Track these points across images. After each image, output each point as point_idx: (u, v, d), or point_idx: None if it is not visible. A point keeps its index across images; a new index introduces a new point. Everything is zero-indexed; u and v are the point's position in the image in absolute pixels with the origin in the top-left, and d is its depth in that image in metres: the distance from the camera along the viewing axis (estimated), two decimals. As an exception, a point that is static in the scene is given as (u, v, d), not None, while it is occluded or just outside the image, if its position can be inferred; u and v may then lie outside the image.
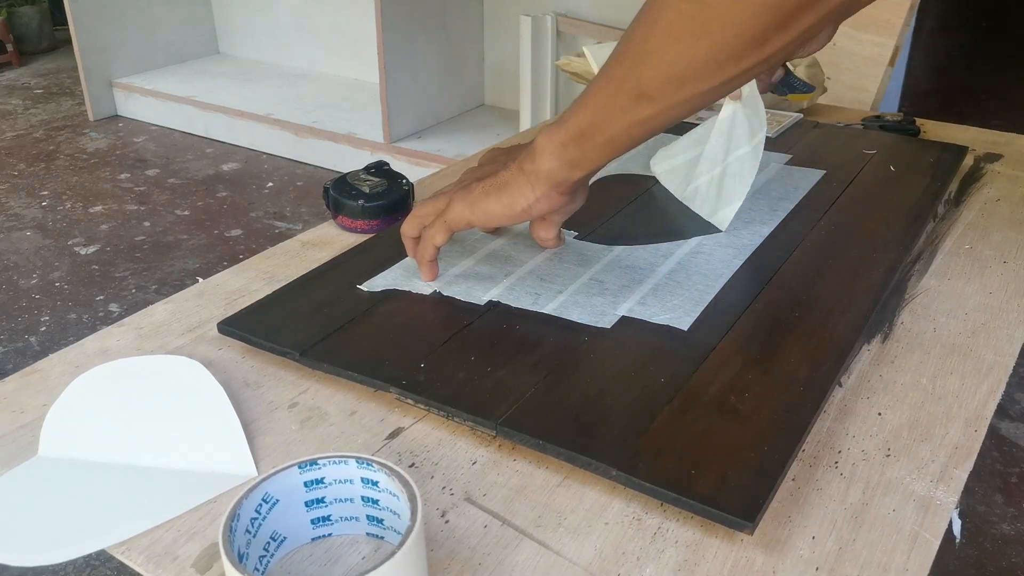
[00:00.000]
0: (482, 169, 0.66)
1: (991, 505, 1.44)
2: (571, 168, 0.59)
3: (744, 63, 0.50)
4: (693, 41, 0.50)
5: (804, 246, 0.73)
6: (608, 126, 0.56)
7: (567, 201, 0.62)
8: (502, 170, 0.62)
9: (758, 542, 0.46)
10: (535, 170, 0.60)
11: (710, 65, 0.50)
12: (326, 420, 0.55)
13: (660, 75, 0.52)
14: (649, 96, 0.53)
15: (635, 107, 0.54)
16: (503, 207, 0.61)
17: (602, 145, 0.57)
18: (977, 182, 0.89)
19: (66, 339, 1.93)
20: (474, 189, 0.62)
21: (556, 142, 0.58)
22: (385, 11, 2.46)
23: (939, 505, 0.48)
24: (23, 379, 0.60)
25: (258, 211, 2.55)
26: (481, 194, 0.62)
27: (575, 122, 0.57)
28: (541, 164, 0.59)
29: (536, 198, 0.61)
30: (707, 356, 0.58)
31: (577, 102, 0.58)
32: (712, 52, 0.49)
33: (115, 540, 0.46)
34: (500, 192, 0.61)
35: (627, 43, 0.54)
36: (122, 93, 3.26)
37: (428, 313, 0.63)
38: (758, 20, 0.48)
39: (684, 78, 0.51)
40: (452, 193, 0.64)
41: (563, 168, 0.59)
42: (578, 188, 0.62)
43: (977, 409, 0.56)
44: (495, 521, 0.47)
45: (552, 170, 0.59)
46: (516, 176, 0.61)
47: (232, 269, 0.73)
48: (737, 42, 0.49)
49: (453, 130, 2.79)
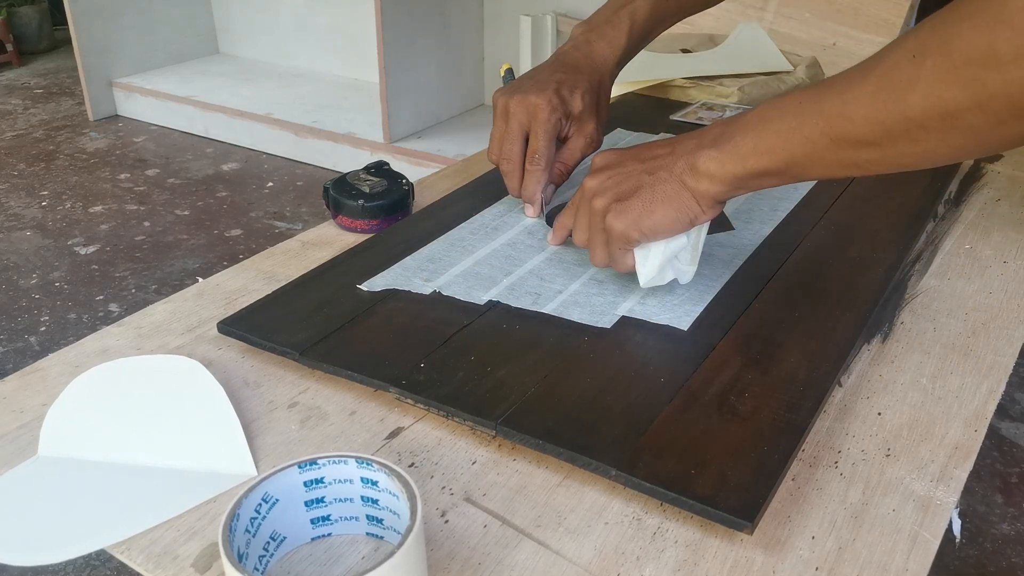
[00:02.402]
0: (616, 178, 0.61)
1: (991, 505, 1.44)
2: (741, 191, 0.57)
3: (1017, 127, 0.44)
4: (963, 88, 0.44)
5: (804, 246, 0.73)
6: (806, 170, 0.53)
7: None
8: (656, 182, 0.58)
9: (758, 542, 0.46)
10: (700, 189, 0.57)
11: (982, 119, 0.44)
12: (326, 420, 0.55)
13: (922, 115, 0.46)
14: (876, 143, 0.49)
15: (851, 152, 0.50)
16: (671, 221, 0.58)
17: (787, 180, 0.55)
18: (977, 182, 0.89)
19: (66, 339, 1.93)
20: (631, 206, 0.59)
21: (731, 175, 0.55)
22: (385, 11, 2.46)
23: (939, 505, 0.48)
24: (23, 379, 0.60)
25: (258, 211, 2.55)
26: (645, 211, 0.58)
27: (759, 163, 0.54)
28: (708, 187, 0.57)
29: (702, 211, 0.58)
30: (707, 356, 0.58)
31: (758, 133, 0.54)
32: (991, 105, 0.44)
33: (115, 540, 0.46)
34: (665, 207, 0.58)
35: (873, 77, 0.48)
36: (122, 93, 3.26)
37: (428, 313, 0.63)
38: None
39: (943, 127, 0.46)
40: (598, 206, 0.61)
41: (732, 191, 0.57)
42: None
43: (977, 409, 0.56)
44: (495, 521, 0.47)
45: (720, 193, 0.57)
46: (679, 190, 0.58)
47: (232, 269, 0.73)
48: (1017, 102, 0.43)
49: (453, 130, 2.79)
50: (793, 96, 0.53)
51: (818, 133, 0.51)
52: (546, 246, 0.72)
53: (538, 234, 0.75)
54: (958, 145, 0.47)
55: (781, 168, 0.54)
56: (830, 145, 0.51)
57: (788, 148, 0.53)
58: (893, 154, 0.49)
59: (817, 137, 0.51)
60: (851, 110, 0.49)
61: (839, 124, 0.50)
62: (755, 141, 0.54)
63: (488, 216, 0.78)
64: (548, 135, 0.73)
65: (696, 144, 0.57)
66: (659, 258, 0.60)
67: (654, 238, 0.60)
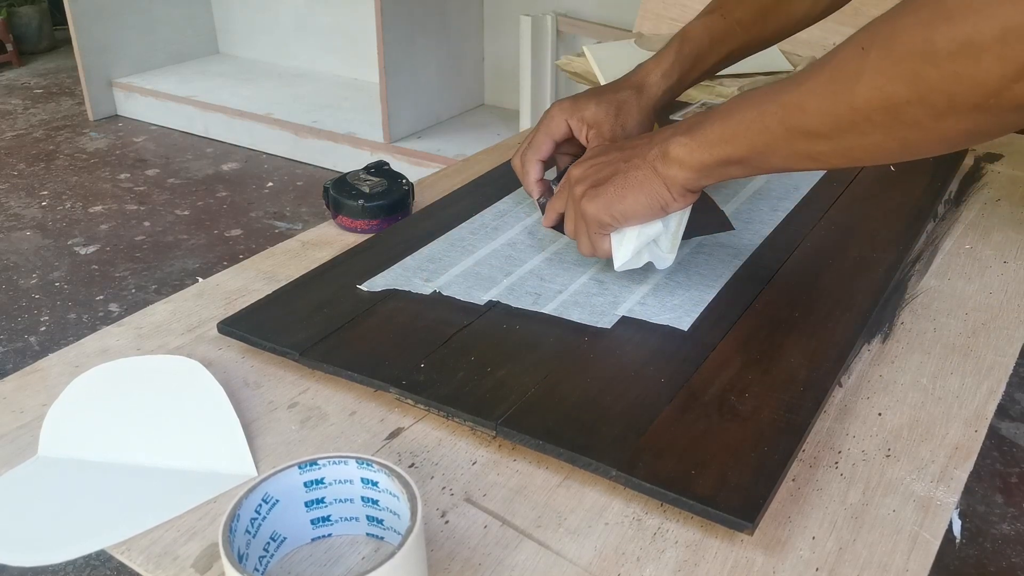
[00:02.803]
0: (596, 166, 0.62)
1: (991, 505, 1.44)
2: (708, 180, 0.58)
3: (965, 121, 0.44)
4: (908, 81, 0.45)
5: (804, 246, 0.73)
6: (765, 159, 0.54)
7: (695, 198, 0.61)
8: (629, 168, 0.60)
9: (758, 542, 0.46)
10: (669, 175, 0.58)
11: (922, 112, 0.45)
12: (326, 420, 0.55)
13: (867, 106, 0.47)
14: (827, 135, 0.50)
15: (805, 142, 0.51)
16: (641, 206, 0.60)
17: (750, 171, 0.56)
18: (977, 182, 0.89)
19: (66, 339, 1.93)
20: (604, 191, 0.60)
21: (698, 161, 0.56)
22: (385, 11, 2.46)
23: (939, 505, 0.48)
24: (23, 379, 0.60)
25: (258, 211, 2.55)
26: (616, 196, 0.60)
27: (723, 151, 0.55)
28: (677, 173, 0.58)
29: (672, 198, 0.59)
30: (707, 356, 0.58)
31: (725, 121, 0.55)
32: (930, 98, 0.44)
33: (115, 540, 0.46)
34: (637, 191, 0.59)
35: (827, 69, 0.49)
36: (122, 93, 3.26)
37: (428, 313, 0.63)
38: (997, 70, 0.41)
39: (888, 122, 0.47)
40: (577, 192, 0.62)
41: (700, 179, 0.58)
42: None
43: (977, 409, 0.56)
44: (495, 521, 0.47)
45: (689, 179, 0.58)
46: (650, 176, 0.59)
47: (232, 269, 0.73)
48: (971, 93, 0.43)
49: (453, 130, 2.79)
50: (764, 88, 0.54)
51: (775, 122, 0.52)
52: (546, 246, 0.72)
53: (538, 234, 0.75)
54: (903, 138, 0.48)
55: (743, 156, 0.55)
56: (786, 135, 0.52)
57: (749, 136, 0.54)
58: (843, 146, 0.50)
59: (775, 126, 0.52)
60: (805, 100, 0.50)
61: (794, 114, 0.51)
62: (721, 129, 0.55)
63: (488, 216, 0.78)
64: (543, 132, 0.74)
65: (672, 132, 0.59)
66: (633, 242, 0.62)
67: (627, 223, 0.61)
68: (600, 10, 2.62)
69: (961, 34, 0.42)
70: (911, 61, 0.44)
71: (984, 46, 0.41)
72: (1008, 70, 0.41)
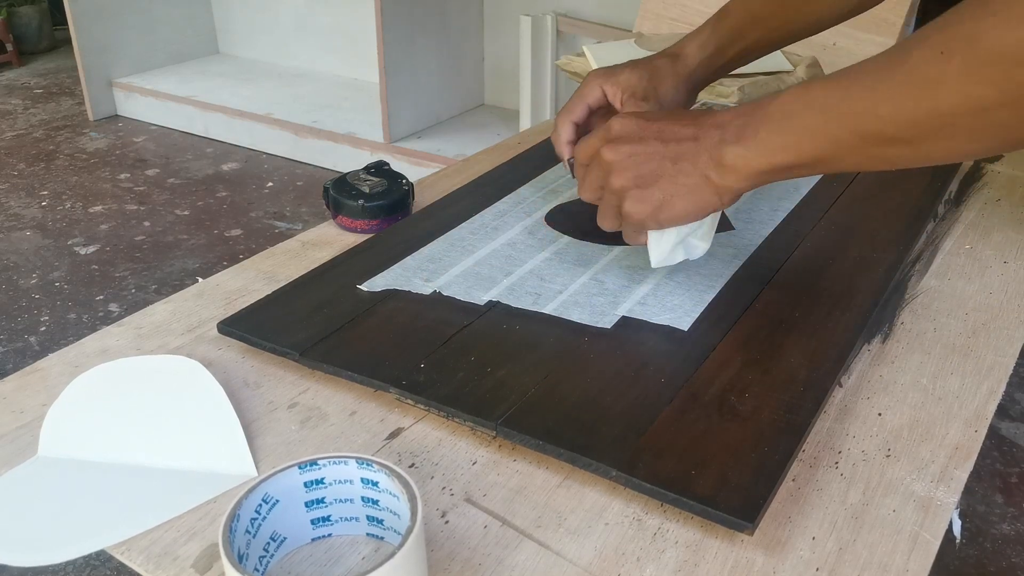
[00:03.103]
0: (637, 158, 0.59)
1: (991, 505, 1.44)
2: (762, 184, 0.57)
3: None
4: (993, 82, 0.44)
5: (804, 246, 0.73)
6: (834, 165, 0.53)
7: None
8: (678, 174, 0.57)
9: (758, 543, 0.46)
10: (724, 184, 0.56)
11: (1012, 115, 0.44)
12: (326, 420, 0.55)
13: (953, 111, 0.46)
14: (907, 140, 0.48)
15: (881, 148, 0.50)
16: (690, 214, 0.58)
17: (814, 173, 0.55)
18: (977, 182, 0.89)
19: (66, 339, 1.93)
20: (650, 196, 0.58)
21: (756, 170, 0.55)
22: (385, 11, 2.46)
23: (939, 505, 0.48)
24: (23, 379, 0.60)
25: (258, 211, 2.55)
26: (665, 203, 0.58)
27: (786, 158, 0.53)
28: (733, 182, 0.56)
29: (723, 204, 0.58)
30: (707, 356, 0.58)
31: (783, 128, 0.53)
32: (1022, 101, 0.43)
33: (115, 540, 0.46)
34: (686, 200, 0.57)
35: (901, 73, 0.48)
36: (122, 93, 3.26)
37: (428, 313, 0.63)
38: None
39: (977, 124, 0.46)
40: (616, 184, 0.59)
41: (756, 185, 0.57)
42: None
43: (977, 409, 0.56)
44: (495, 521, 0.47)
45: (743, 187, 0.57)
46: (701, 185, 0.57)
47: (232, 269, 0.73)
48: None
49: (453, 130, 2.79)
50: (816, 87, 0.52)
51: (847, 131, 0.51)
52: (546, 246, 0.72)
53: (538, 234, 0.75)
54: (987, 141, 0.47)
55: (808, 163, 0.53)
56: (859, 143, 0.51)
57: (816, 145, 0.52)
58: (923, 150, 0.49)
59: (846, 136, 0.51)
60: (880, 108, 0.49)
61: (868, 122, 0.50)
62: (781, 137, 0.53)
63: (488, 216, 0.78)
64: (578, 96, 0.73)
65: (720, 138, 0.56)
66: (672, 239, 0.61)
67: (671, 226, 0.60)
68: (600, 10, 2.62)
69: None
70: (1000, 65, 0.43)
71: None
72: None
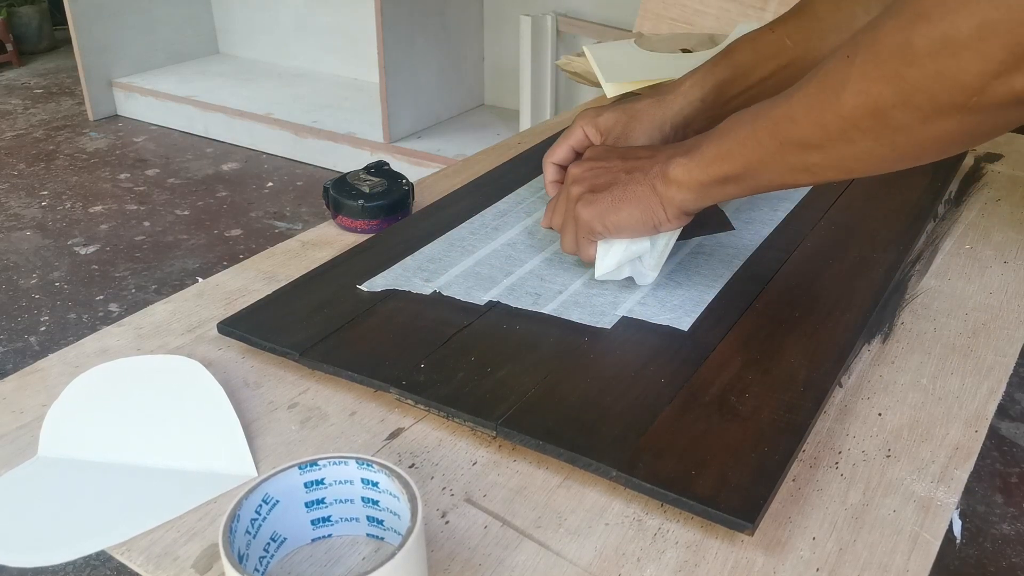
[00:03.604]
0: (596, 171, 0.62)
1: (991, 505, 1.44)
2: (706, 201, 0.58)
3: (951, 122, 0.44)
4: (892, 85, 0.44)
5: (804, 246, 0.73)
6: (760, 175, 0.54)
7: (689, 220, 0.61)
8: (629, 181, 0.60)
9: (758, 543, 0.46)
10: (668, 195, 0.58)
11: (908, 115, 0.45)
12: (326, 420, 0.55)
13: (854, 112, 0.47)
14: (818, 145, 0.50)
15: (798, 154, 0.51)
16: (635, 222, 0.60)
17: (747, 189, 0.56)
18: (977, 182, 0.89)
19: (66, 339, 1.93)
20: (600, 199, 0.60)
21: (696, 181, 0.57)
22: (385, 11, 2.46)
23: (939, 506, 0.48)
24: (23, 379, 0.60)
25: (258, 211, 2.55)
26: (611, 206, 0.60)
27: (720, 168, 0.55)
28: (675, 194, 0.58)
29: (667, 218, 0.59)
30: (707, 356, 0.58)
31: (720, 140, 0.55)
32: (914, 99, 0.44)
33: (115, 540, 0.46)
34: (632, 206, 0.59)
35: (815, 80, 0.49)
36: (122, 93, 3.26)
37: (428, 313, 0.63)
38: (976, 67, 0.41)
39: (873, 127, 0.47)
40: (573, 192, 0.62)
41: (698, 200, 0.58)
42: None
43: (977, 409, 0.56)
44: (495, 522, 0.47)
45: (686, 200, 0.58)
46: (648, 193, 0.59)
47: (232, 269, 0.73)
48: (953, 92, 0.42)
49: (453, 130, 2.79)
50: (759, 104, 0.54)
51: (767, 136, 0.52)
52: (546, 246, 0.72)
53: (538, 234, 0.75)
54: (892, 143, 0.47)
55: (738, 173, 0.55)
56: (778, 148, 0.52)
57: (743, 152, 0.54)
58: (835, 156, 0.50)
59: (767, 140, 0.52)
60: (794, 112, 0.50)
61: (784, 126, 0.51)
62: (717, 148, 0.55)
63: (488, 216, 0.78)
64: (563, 137, 0.73)
65: (672, 152, 0.59)
66: (619, 255, 0.62)
67: (617, 235, 0.61)
68: (600, 10, 2.62)
69: (939, 32, 0.42)
70: (893, 63, 0.44)
71: (962, 43, 0.41)
72: (988, 66, 0.41)
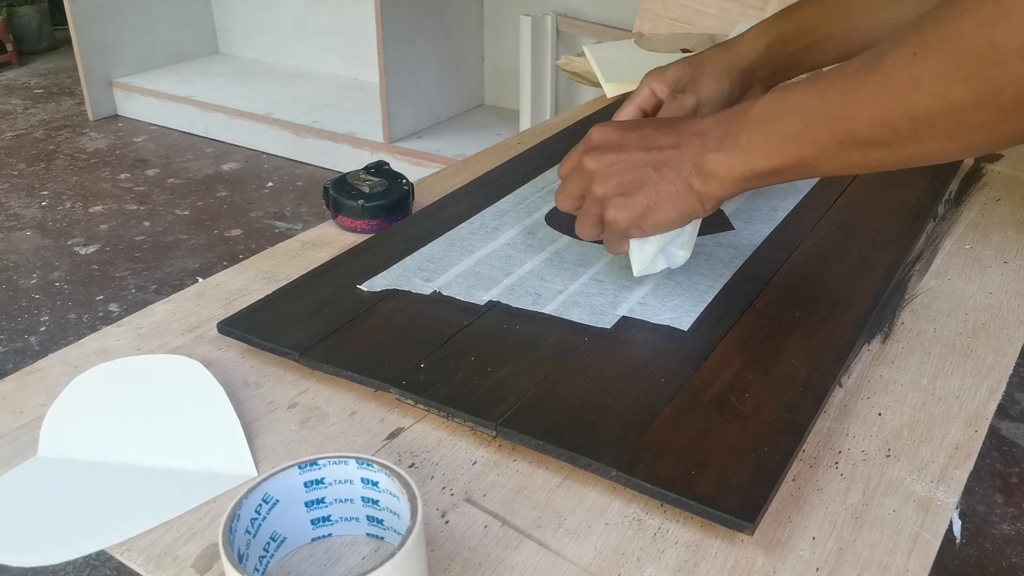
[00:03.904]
0: (619, 166, 0.59)
1: (991, 505, 1.44)
2: (746, 190, 0.57)
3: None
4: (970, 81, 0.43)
5: (804, 246, 0.73)
6: (814, 169, 0.53)
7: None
8: (661, 181, 0.57)
9: (758, 543, 0.46)
10: (707, 192, 0.57)
11: (990, 116, 0.44)
12: (326, 420, 0.55)
13: (928, 113, 0.45)
14: (885, 144, 0.48)
15: (860, 152, 0.50)
16: (673, 221, 0.58)
17: (794, 178, 0.55)
18: (977, 182, 0.89)
19: (66, 339, 1.93)
20: (634, 204, 0.58)
21: (739, 176, 0.55)
22: (385, 11, 2.46)
23: (939, 505, 0.48)
24: (23, 379, 0.60)
25: (258, 211, 2.55)
26: (648, 211, 0.58)
27: (768, 164, 0.53)
28: (716, 190, 0.56)
29: (704, 211, 0.58)
30: (707, 356, 0.58)
31: (763, 131, 0.53)
32: (998, 100, 0.43)
33: (115, 540, 0.46)
34: (669, 207, 0.58)
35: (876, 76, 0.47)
36: (122, 93, 3.26)
37: (428, 313, 0.63)
38: None
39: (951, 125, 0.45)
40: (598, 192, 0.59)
41: (738, 190, 0.57)
42: None
43: (977, 409, 0.56)
44: (495, 521, 0.47)
45: (726, 193, 0.57)
46: (684, 192, 0.57)
47: (232, 269, 0.73)
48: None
49: (453, 130, 2.79)
50: (796, 92, 0.52)
51: (825, 135, 0.51)
52: (546, 246, 0.72)
53: (538, 234, 0.75)
54: (967, 142, 0.47)
55: (789, 167, 0.53)
56: (838, 146, 0.51)
57: (796, 149, 0.52)
58: (902, 153, 0.49)
59: (825, 139, 0.51)
60: (856, 111, 0.49)
61: (845, 126, 0.50)
62: (762, 142, 0.53)
63: (488, 216, 0.78)
64: (631, 101, 0.72)
65: (702, 145, 0.56)
66: (654, 248, 0.61)
67: (654, 234, 0.60)
68: (600, 10, 2.62)
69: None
70: (976, 65, 0.43)
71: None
72: None
